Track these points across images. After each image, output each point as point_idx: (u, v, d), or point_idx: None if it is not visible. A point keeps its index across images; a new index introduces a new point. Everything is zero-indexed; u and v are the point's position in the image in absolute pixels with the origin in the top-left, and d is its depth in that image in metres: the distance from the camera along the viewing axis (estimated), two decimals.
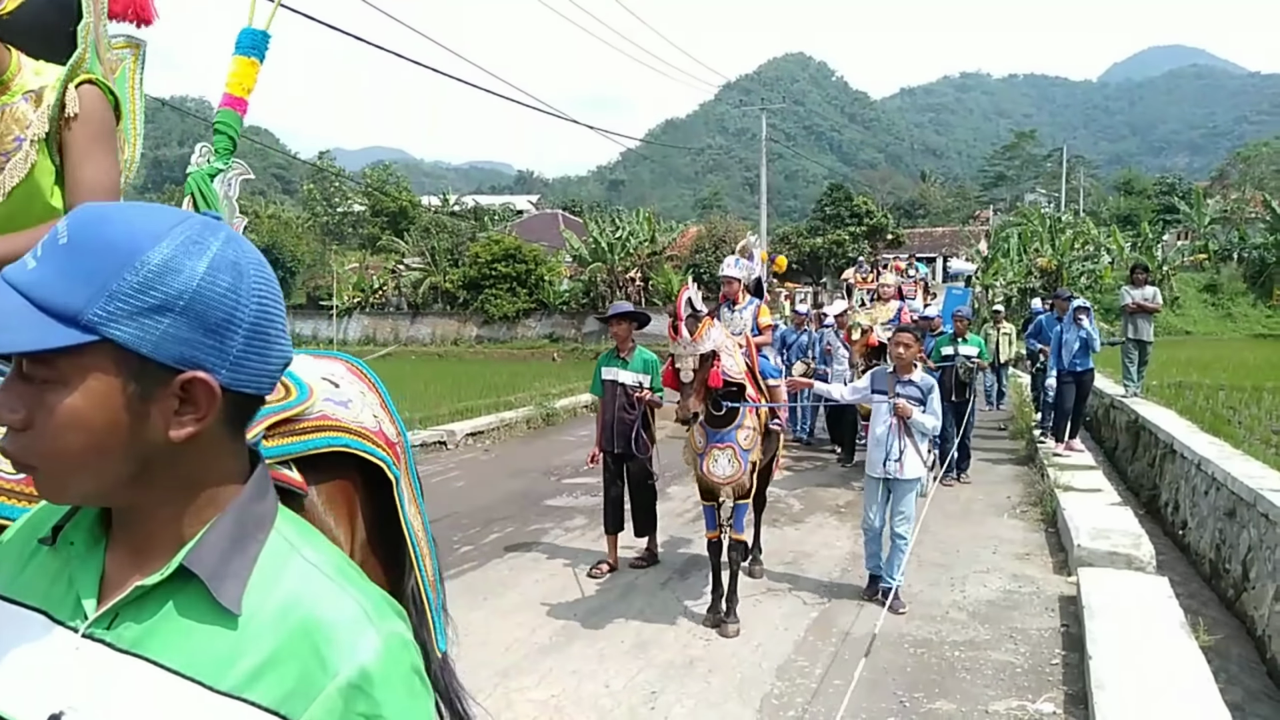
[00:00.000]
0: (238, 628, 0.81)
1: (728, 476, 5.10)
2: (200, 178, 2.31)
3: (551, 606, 5.57)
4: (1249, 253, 42.16)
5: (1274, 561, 5.55)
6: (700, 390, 4.77)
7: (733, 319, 6.17)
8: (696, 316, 4.77)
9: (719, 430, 5.11)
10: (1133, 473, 10.49)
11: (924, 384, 5.54)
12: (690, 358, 4.72)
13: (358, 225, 59.73)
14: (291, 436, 1.84)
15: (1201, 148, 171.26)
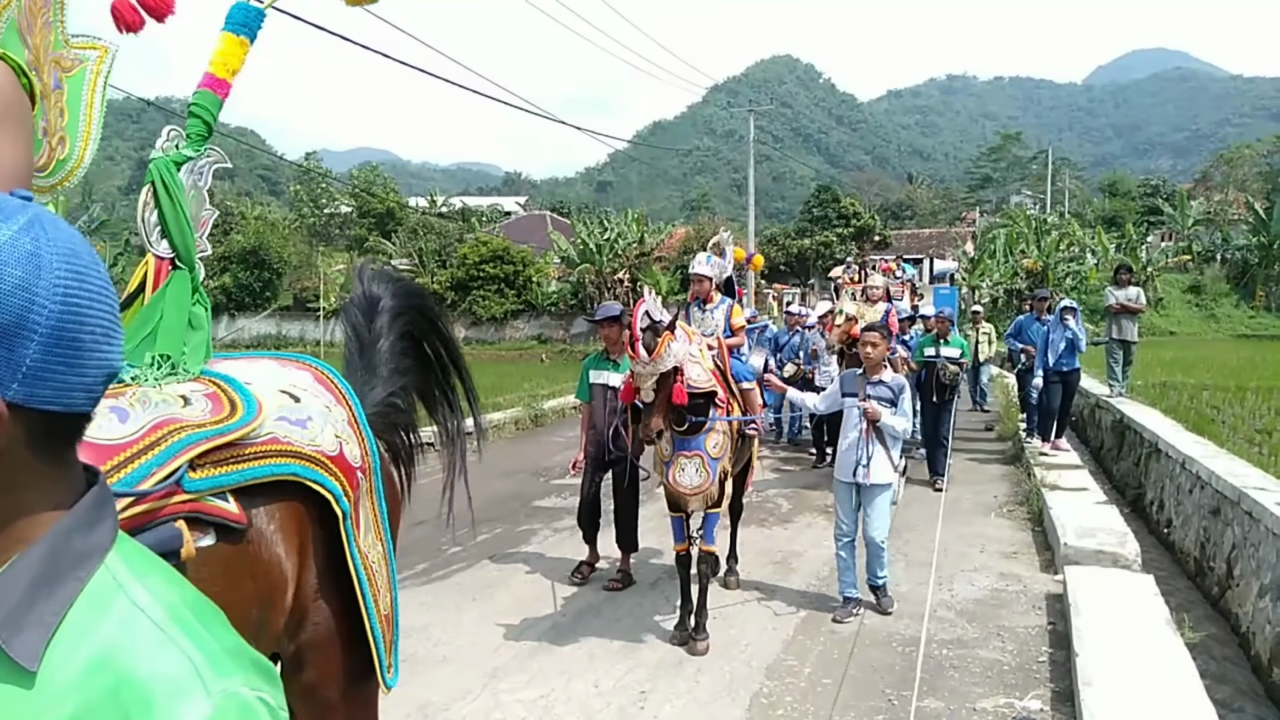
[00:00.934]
0: (33, 687, 0.67)
1: (695, 486, 4.87)
2: (164, 165, 2.11)
3: (540, 607, 5.56)
4: (1232, 254, 42.55)
5: (1258, 559, 5.60)
6: (663, 408, 4.53)
7: (704, 319, 5.90)
8: (656, 330, 4.47)
9: (687, 437, 4.87)
10: (1118, 472, 10.55)
11: (895, 385, 5.37)
12: (650, 378, 4.44)
13: (345, 226, 59.54)
14: (229, 465, 1.70)
15: (1185, 150, 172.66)
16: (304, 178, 60.86)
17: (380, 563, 2.13)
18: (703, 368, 4.84)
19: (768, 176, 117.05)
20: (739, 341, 6.01)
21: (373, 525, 2.10)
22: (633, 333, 4.47)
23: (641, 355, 4.39)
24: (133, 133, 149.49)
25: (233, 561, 1.70)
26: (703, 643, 4.81)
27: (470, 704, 4.22)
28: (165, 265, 2.12)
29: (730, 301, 6.14)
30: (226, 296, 40.99)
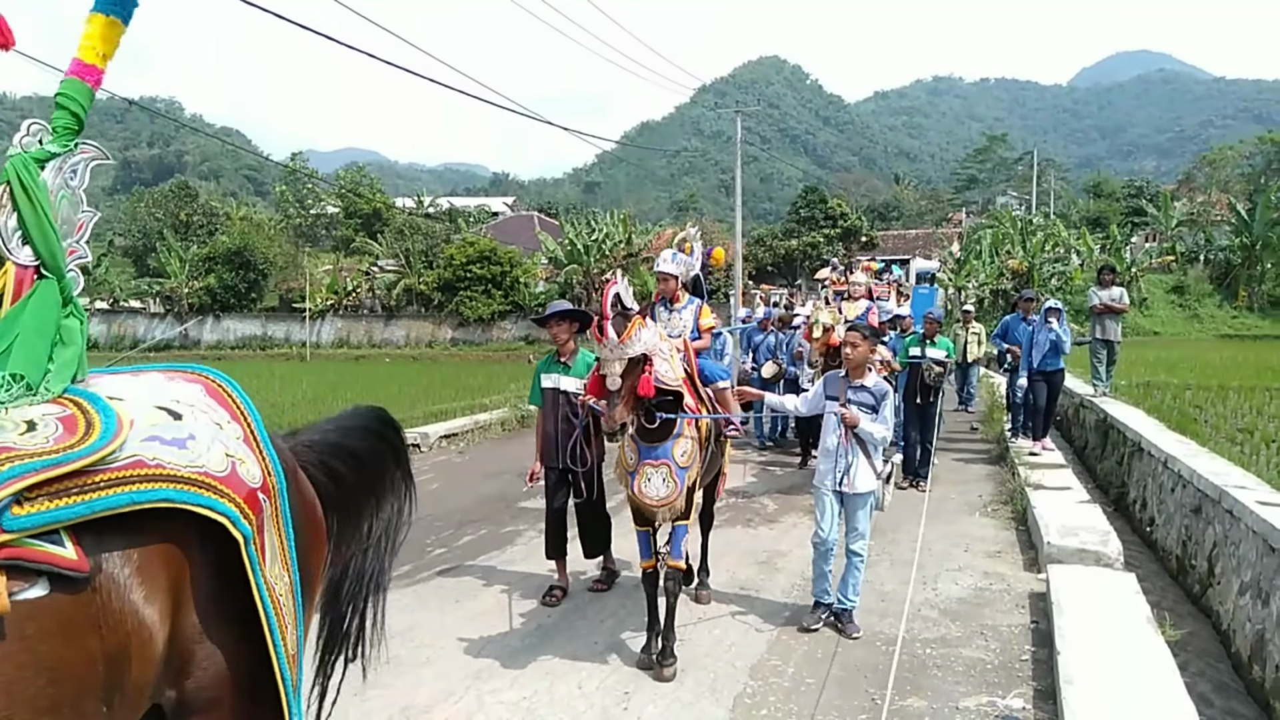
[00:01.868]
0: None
1: (661, 498, 4.56)
2: (21, 163, 1.87)
3: (525, 609, 5.54)
4: (1215, 255, 42.90)
5: (1238, 557, 5.64)
6: (629, 399, 4.24)
7: (670, 320, 5.56)
8: (626, 315, 4.23)
9: (652, 445, 4.57)
10: (1101, 471, 10.61)
11: (877, 389, 5.09)
12: (617, 362, 4.18)
13: (331, 227, 59.34)
14: (71, 496, 1.48)
15: (1169, 151, 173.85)
16: (290, 178, 60.62)
17: (286, 596, 1.90)
18: (672, 366, 4.56)
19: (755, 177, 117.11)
20: (706, 344, 5.65)
21: (279, 554, 1.88)
22: (603, 312, 4.22)
23: (610, 337, 4.14)
24: (116, 133, 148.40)
25: (71, 616, 1.47)
26: (669, 668, 4.48)
27: (453, 705, 4.20)
28: (29, 274, 1.92)
29: (699, 302, 5.76)
30: (211, 298, 40.76)
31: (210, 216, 53.92)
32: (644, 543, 4.81)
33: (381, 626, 3.00)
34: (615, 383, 4.18)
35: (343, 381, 20.86)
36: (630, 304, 4.28)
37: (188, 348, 40.02)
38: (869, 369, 5.17)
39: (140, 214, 53.80)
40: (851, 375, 5.11)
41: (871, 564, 6.44)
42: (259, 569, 1.76)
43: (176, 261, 40.82)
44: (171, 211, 52.31)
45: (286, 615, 1.87)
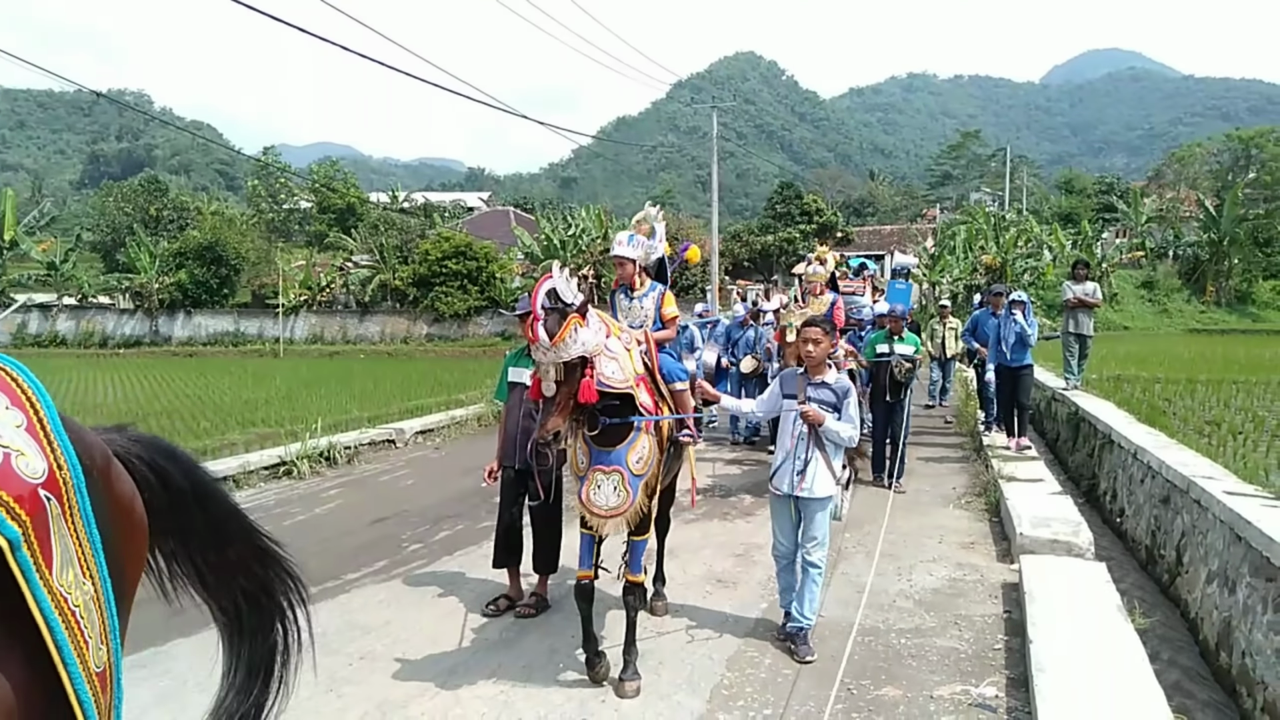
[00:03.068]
0: None
1: (611, 508, 4.16)
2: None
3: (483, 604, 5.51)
4: (1184, 250, 43.62)
5: (1205, 546, 5.73)
6: (564, 406, 3.84)
7: (630, 308, 5.12)
8: (563, 312, 3.81)
9: (605, 449, 4.19)
10: (1073, 463, 10.75)
11: (839, 386, 4.71)
12: (552, 367, 3.79)
13: (304, 222, 58.87)
14: None
15: (1139, 148, 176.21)
16: (262, 173, 60.00)
17: (93, 606, 1.64)
18: (621, 365, 4.10)
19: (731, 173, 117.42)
20: (669, 335, 5.15)
21: (76, 559, 1.62)
22: (533, 311, 3.80)
23: (541, 339, 3.73)
24: (84, 126, 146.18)
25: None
26: (632, 683, 4.21)
27: (429, 701, 4.18)
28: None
29: (661, 288, 5.22)
30: (182, 293, 40.28)
31: (181, 211, 53.28)
32: (585, 548, 4.36)
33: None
34: (549, 389, 3.81)
35: (317, 378, 20.68)
36: (571, 298, 3.85)
37: (158, 344, 39.53)
38: (829, 365, 4.80)
39: (109, 208, 53.09)
40: (811, 372, 4.74)
41: (847, 556, 6.51)
42: (36, 577, 1.50)
43: (146, 257, 40.28)
44: (141, 206, 51.64)
45: (87, 628, 1.60)
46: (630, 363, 4.21)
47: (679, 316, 5.28)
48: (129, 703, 4.31)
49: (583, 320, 3.82)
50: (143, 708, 4.17)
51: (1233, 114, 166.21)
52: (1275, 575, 4.42)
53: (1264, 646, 4.47)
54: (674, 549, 6.70)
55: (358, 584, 6.05)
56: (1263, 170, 50.44)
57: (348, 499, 8.77)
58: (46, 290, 43.27)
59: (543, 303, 3.82)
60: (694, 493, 5.36)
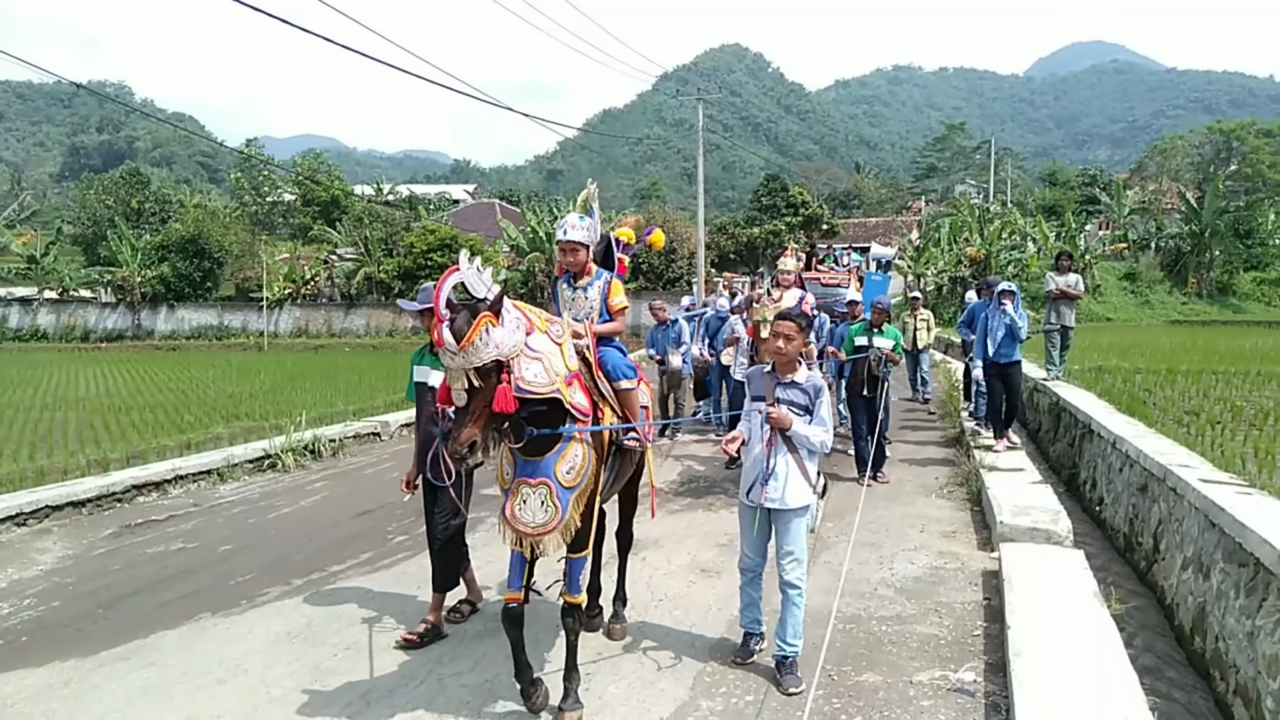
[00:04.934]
0: None
1: (538, 525, 3.74)
2: None
3: (486, 594, 5.54)
4: (1165, 242, 43.99)
5: (1181, 533, 5.82)
6: (479, 416, 3.42)
7: (575, 298, 4.59)
8: (473, 309, 3.39)
9: (531, 459, 3.76)
10: (1054, 453, 10.85)
11: (811, 386, 4.29)
12: (460, 372, 3.38)
13: (288, 215, 58.53)
14: None
15: (1122, 141, 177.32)
16: (245, 165, 59.56)
17: None
18: (546, 366, 3.64)
19: (718, 165, 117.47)
20: (617, 328, 4.59)
21: None
22: (435, 311, 3.38)
23: (447, 342, 3.31)
24: (64, 118, 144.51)
25: None
26: (573, 713, 3.84)
27: (415, 689, 4.21)
28: None
29: (608, 276, 4.64)
30: (165, 287, 40.00)
31: (163, 204, 52.91)
32: (516, 567, 3.92)
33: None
34: (460, 397, 3.41)
35: (302, 371, 20.61)
36: (483, 293, 3.45)
37: (141, 338, 39.26)
38: (799, 363, 4.36)
39: (90, 201, 52.61)
40: (780, 370, 4.32)
41: (830, 545, 6.57)
42: None
43: (128, 250, 39.95)
44: (122, 199, 51.21)
45: None
46: (561, 360, 3.78)
47: (628, 307, 4.71)
48: (112, 695, 4.34)
49: (495, 319, 3.41)
50: (127, 699, 4.18)
51: (1214, 106, 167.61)
52: (1248, 561, 4.50)
53: (1236, 631, 4.55)
54: (659, 539, 6.76)
55: (343, 575, 6.07)
56: (1243, 162, 50.97)
57: (332, 492, 8.77)
58: (27, 284, 42.87)
59: (449, 299, 3.40)
60: (653, 501, 4.97)
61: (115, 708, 4.09)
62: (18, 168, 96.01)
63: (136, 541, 6.98)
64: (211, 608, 5.44)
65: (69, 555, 6.61)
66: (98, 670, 4.52)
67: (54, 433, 11.34)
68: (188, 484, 8.76)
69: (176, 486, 8.64)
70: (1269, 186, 48.24)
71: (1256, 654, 4.23)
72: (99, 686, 4.32)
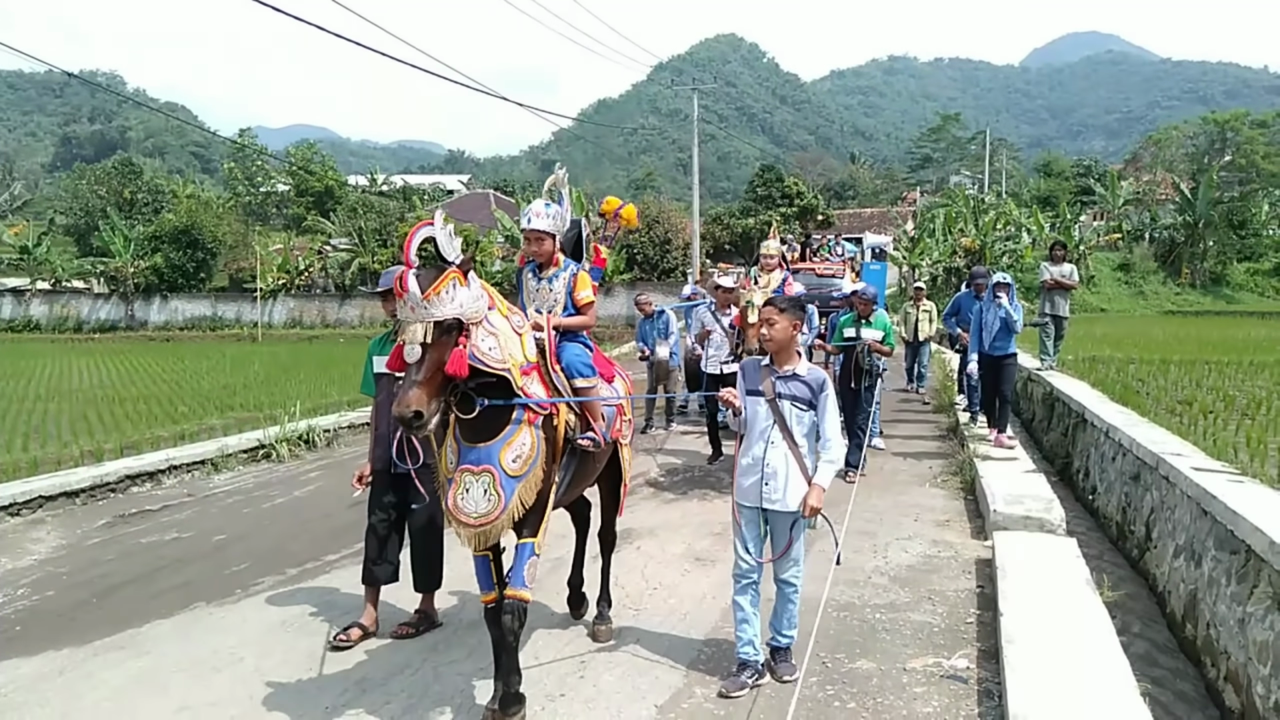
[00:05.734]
0: None
1: (480, 515, 3.52)
2: None
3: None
4: (1159, 233, 44.08)
5: (1173, 521, 5.84)
6: (432, 378, 3.20)
7: (538, 290, 4.38)
8: (440, 268, 3.28)
9: (474, 445, 3.55)
10: (1048, 442, 10.88)
11: (813, 380, 3.98)
12: (419, 325, 3.19)
13: (282, 205, 58.38)
14: None
15: (1116, 131, 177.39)
16: (238, 155, 59.32)
17: None
18: (502, 345, 3.49)
19: (713, 156, 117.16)
20: (582, 322, 4.36)
21: None
22: (405, 257, 3.27)
23: (411, 291, 3.16)
24: (55, 107, 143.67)
25: None
26: (513, 716, 3.64)
27: (409, 677, 4.22)
28: None
29: (575, 268, 4.43)
30: (158, 277, 39.86)
31: (155, 194, 52.65)
32: (482, 571, 3.79)
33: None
34: (414, 352, 3.19)
35: (295, 362, 20.56)
36: (452, 255, 3.32)
37: (134, 329, 39.13)
38: (798, 353, 4.07)
39: (82, 191, 52.38)
40: (777, 361, 4.01)
41: (824, 534, 6.55)
42: None
43: (121, 240, 39.78)
44: (115, 189, 50.97)
45: None
46: (520, 349, 3.64)
47: (595, 302, 4.47)
48: (106, 684, 4.34)
49: (464, 279, 3.30)
50: (122, 688, 4.18)
51: (1209, 97, 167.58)
52: (1239, 548, 4.52)
53: (1227, 617, 4.57)
54: (654, 528, 6.78)
55: (338, 565, 6.07)
56: (1237, 153, 51.01)
57: (327, 482, 8.77)
58: (19, 275, 42.70)
59: (417, 251, 3.30)
60: (623, 501, 4.77)
61: (110, 696, 4.10)
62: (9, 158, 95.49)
63: (131, 531, 6.97)
64: (206, 597, 5.44)
65: (63, 545, 6.60)
66: (92, 659, 4.52)
67: (47, 423, 11.30)
68: (182, 474, 8.75)
69: (170, 477, 8.63)
70: (1263, 177, 48.30)
71: (1247, 640, 4.25)
72: (93, 675, 4.32)
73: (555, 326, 4.18)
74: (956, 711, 3.82)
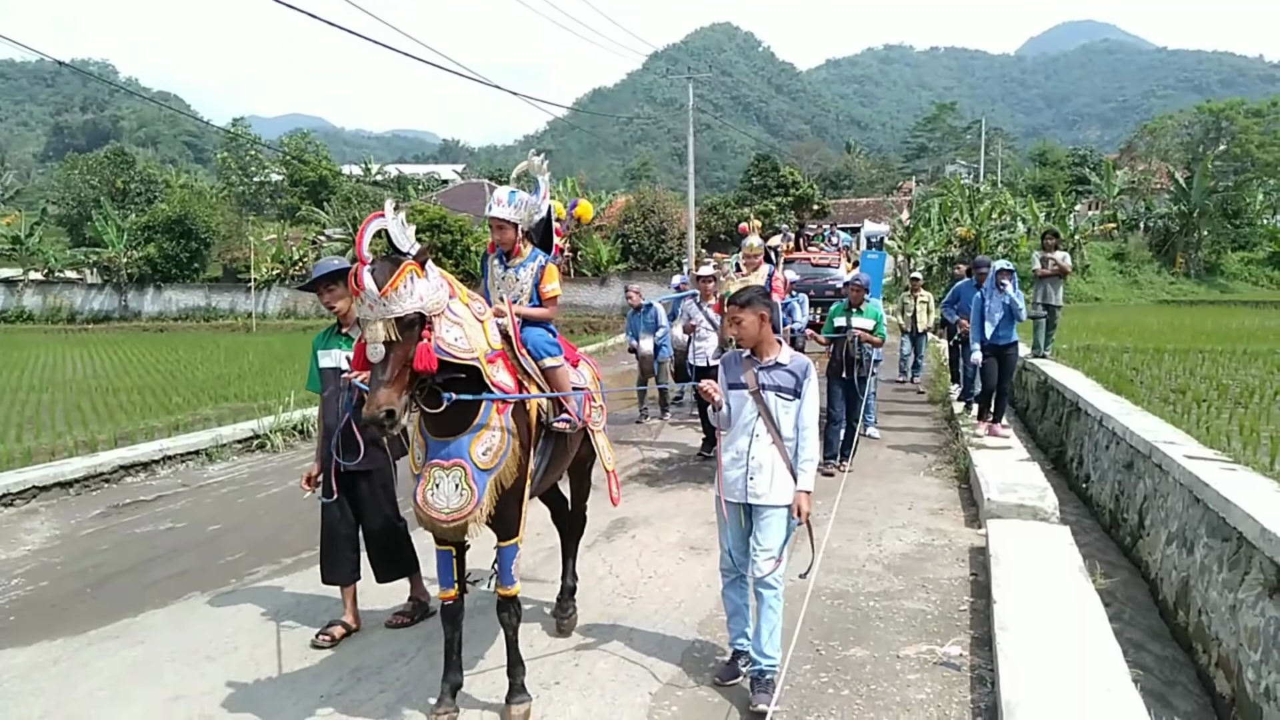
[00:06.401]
0: None
1: (452, 510, 3.44)
2: None
3: (474, 569, 5.55)
4: (1154, 222, 44.12)
5: (1166, 509, 5.87)
6: (398, 375, 3.12)
7: (504, 279, 4.30)
8: (395, 261, 3.14)
9: (443, 439, 3.48)
10: (1042, 431, 10.91)
11: (797, 368, 3.84)
12: (379, 323, 3.07)
13: (276, 195, 58.14)
14: None
15: (1112, 121, 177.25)
16: (232, 145, 59.03)
17: None
18: (467, 334, 3.37)
19: (708, 145, 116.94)
20: (545, 314, 4.27)
21: None
22: (358, 252, 3.16)
23: (368, 288, 3.03)
24: (47, 96, 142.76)
25: None
26: (520, 706, 3.67)
27: (404, 666, 4.23)
28: None
29: (543, 258, 4.35)
30: (152, 267, 39.70)
31: (149, 184, 52.38)
32: (444, 566, 3.72)
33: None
34: (377, 352, 3.09)
35: (290, 352, 20.51)
36: (407, 246, 3.19)
37: (128, 319, 39.02)
38: (779, 341, 3.95)
39: (74, 181, 52.09)
40: (758, 352, 3.87)
41: (818, 523, 6.55)
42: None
43: (114, 230, 39.63)
44: (107, 179, 50.71)
45: None
46: (483, 336, 3.51)
47: (559, 295, 4.40)
48: (101, 673, 4.34)
49: (421, 270, 3.17)
50: (117, 677, 4.18)
51: (1204, 86, 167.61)
52: (1231, 536, 4.54)
53: (1219, 604, 4.60)
54: (649, 517, 6.79)
55: None
56: (1232, 142, 50.94)
57: None
58: (12, 265, 42.51)
59: (371, 246, 3.18)
60: (614, 488, 4.65)
61: (105, 685, 4.10)
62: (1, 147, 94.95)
63: (125, 521, 6.97)
64: (201, 587, 5.44)
65: (57, 535, 6.59)
66: (87, 649, 4.52)
67: (41, 414, 11.28)
68: (176, 464, 8.74)
69: (165, 467, 8.62)
70: (1258, 166, 48.27)
71: (1238, 627, 4.28)
72: (88, 665, 4.32)
73: (517, 315, 4.05)
74: (950, 698, 3.84)
